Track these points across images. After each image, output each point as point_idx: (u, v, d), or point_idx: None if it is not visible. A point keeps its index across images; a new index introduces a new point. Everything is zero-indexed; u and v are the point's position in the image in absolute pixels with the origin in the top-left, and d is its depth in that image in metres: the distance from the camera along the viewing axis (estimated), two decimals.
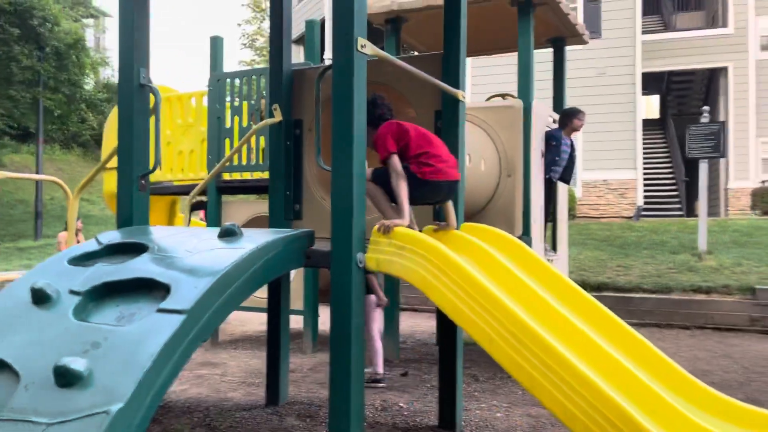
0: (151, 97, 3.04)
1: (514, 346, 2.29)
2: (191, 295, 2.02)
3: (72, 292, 2.23)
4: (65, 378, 1.78)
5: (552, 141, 5.28)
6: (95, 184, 17.54)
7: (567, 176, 5.47)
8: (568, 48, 6.30)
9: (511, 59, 5.12)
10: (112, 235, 2.69)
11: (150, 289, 2.19)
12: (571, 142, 5.46)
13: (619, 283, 7.60)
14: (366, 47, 2.53)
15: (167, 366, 1.88)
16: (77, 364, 1.79)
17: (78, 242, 4.30)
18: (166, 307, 2.00)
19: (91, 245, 2.60)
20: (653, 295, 7.30)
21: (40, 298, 2.18)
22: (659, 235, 10.43)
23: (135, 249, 2.49)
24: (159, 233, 2.71)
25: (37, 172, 15.29)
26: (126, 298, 2.19)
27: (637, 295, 7.35)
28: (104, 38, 28.32)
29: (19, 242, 13.57)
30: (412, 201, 2.85)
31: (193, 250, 2.35)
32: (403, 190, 2.76)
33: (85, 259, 2.49)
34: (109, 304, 2.19)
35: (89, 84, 20.62)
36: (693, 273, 7.81)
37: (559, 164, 5.35)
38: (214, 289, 2.08)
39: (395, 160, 2.80)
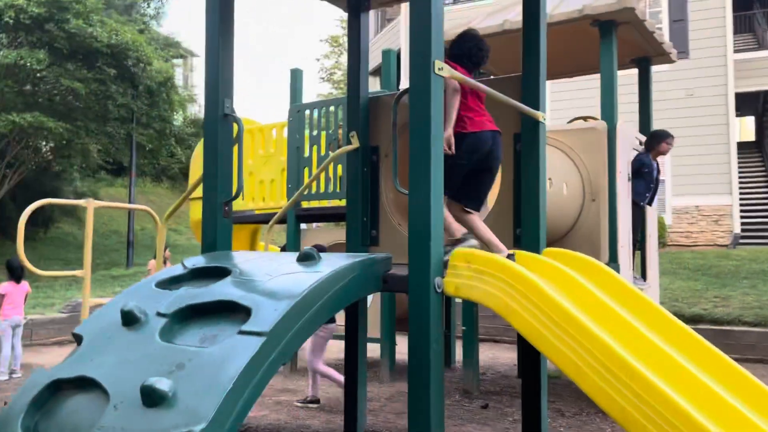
0: (235, 127, 3.13)
1: (603, 377, 2.15)
2: (271, 317, 2.02)
3: (159, 314, 2.29)
4: (151, 398, 1.81)
5: (644, 168, 5.10)
6: (182, 215, 18.39)
7: (651, 199, 5.30)
8: (655, 69, 6.07)
9: (591, 82, 4.97)
10: (197, 260, 2.76)
11: (232, 311, 2.22)
12: (657, 164, 5.27)
13: (716, 315, 7.12)
14: (443, 69, 2.51)
15: (248, 388, 1.89)
16: (162, 384, 1.83)
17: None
18: (247, 329, 2.01)
19: (177, 270, 2.67)
20: (755, 329, 6.78)
21: (129, 319, 2.25)
22: (759, 264, 9.73)
23: (218, 273, 2.54)
24: (240, 258, 2.76)
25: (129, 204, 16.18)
26: (209, 320, 2.23)
27: (737, 328, 6.85)
28: (192, 76, 29.95)
29: (112, 270, 14.32)
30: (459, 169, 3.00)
31: (272, 274, 2.37)
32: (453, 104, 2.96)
33: (171, 283, 2.56)
34: (193, 326, 2.23)
35: (178, 120, 21.77)
36: None
37: (651, 191, 5.19)
38: (293, 312, 2.08)
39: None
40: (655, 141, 5.22)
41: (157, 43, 26.63)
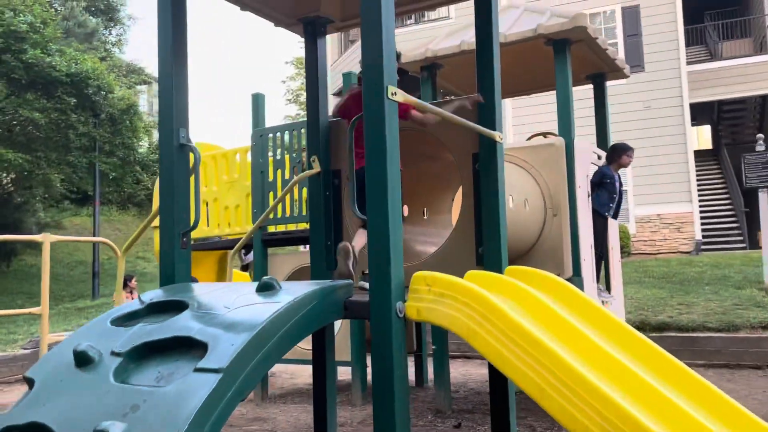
0: (191, 156, 3.09)
1: (566, 396, 2.16)
2: (227, 353, 1.98)
3: (113, 353, 2.22)
4: None
5: (606, 179, 5.22)
6: (150, 242, 18.10)
7: (616, 212, 5.41)
8: (612, 83, 6.22)
9: (552, 97, 5.07)
10: (154, 294, 2.71)
11: (189, 347, 2.17)
12: (618, 176, 5.39)
13: (681, 322, 7.23)
14: (397, 95, 2.52)
15: (205, 426, 1.84)
16: (116, 428, 1.77)
17: (132, 299, 4.40)
18: (203, 366, 1.97)
19: (133, 305, 2.61)
20: (719, 334, 6.91)
21: (82, 360, 2.19)
22: (721, 270, 9.95)
23: (176, 307, 2.49)
24: (199, 290, 2.71)
25: (94, 234, 15.86)
26: (165, 357, 2.17)
27: (702, 335, 6.97)
28: (157, 102, 29.69)
29: (78, 302, 13.99)
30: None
31: (231, 306, 2.33)
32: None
33: (127, 320, 2.50)
34: (149, 365, 2.18)
35: (143, 146, 21.51)
36: (761, 309, 7.37)
37: (614, 201, 5.29)
38: (251, 346, 2.05)
39: None
40: (616, 154, 5.35)
41: (120, 70, 26.40)
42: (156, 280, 15.82)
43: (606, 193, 5.19)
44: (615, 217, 5.47)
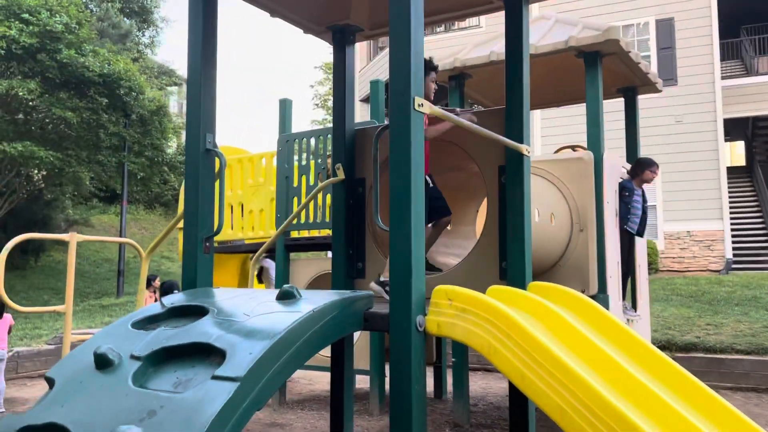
0: (217, 162, 3.11)
1: (588, 420, 2.10)
2: (245, 361, 1.97)
3: (133, 357, 2.23)
4: None
5: (624, 192, 5.12)
6: (175, 242, 18.29)
7: (641, 229, 5.29)
8: (643, 97, 6.12)
9: (582, 108, 4.99)
10: (176, 298, 2.72)
11: (207, 354, 2.16)
12: (643, 192, 5.28)
13: (709, 343, 7.06)
14: (423, 106, 2.50)
15: None
16: None
17: (155, 300, 4.43)
18: (221, 374, 1.96)
19: (155, 308, 2.62)
20: (748, 357, 6.72)
21: (102, 362, 2.20)
22: (752, 290, 9.70)
23: (196, 312, 2.49)
24: (220, 296, 2.71)
25: (120, 233, 16.07)
26: (184, 363, 2.17)
27: (731, 357, 6.79)
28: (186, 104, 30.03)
29: (102, 299, 14.17)
30: None
31: (250, 314, 2.32)
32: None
33: (148, 323, 2.51)
34: (168, 370, 2.18)
35: (171, 147, 21.79)
36: None
37: (635, 214, 5.18)
38: (269, 355, 2.03)
39: None
40: (640, 168, 5.25)
41: (152, 71, 26.81)
42: (180, 280, 15.99)
43: (624, 205, 5.07)
44: (640, 234, 5.35)
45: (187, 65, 3.02)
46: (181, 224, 5.89)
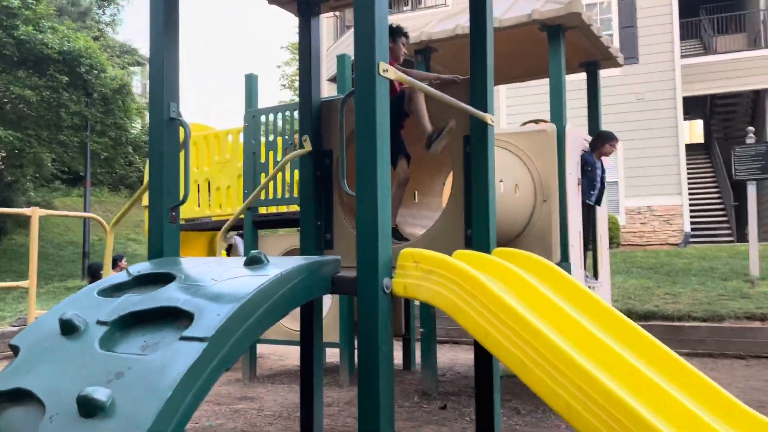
0: (181, 131, 3.08)
1: (549, 373, 2.18)
2: (213, 322, 1.99)
3: (99, 322, 2.23)
4: (87, 408, 1.77)
5: (587, 166, 5.24)
6: (141, 224, 18.01)
7: (599, 199, 5.45)
8: (606, 74, 6.24)
9: (547, 86, 5.07)
10: (142, 266, 2.71)
11: (175, 317, 2.18)
12: (602, 163, 5.42)
13: (667, 311, 7.30)
14: (388, 71, 2.52)
15: (189, 394, 1.85)
16: (100, 393, 1.78)
17: None
18: (189, 335, 1.98)
19: (121, 277, 2.61)
20: (705, 324, 6.98)
21: (68, 328, 2.19)
22: (708, 262, 10.04)
23: (163, 279, 2.49)
24: (187, 263, 2.72)
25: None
26: (151, 327, 2.18)
27: (688, 324, 7.04)
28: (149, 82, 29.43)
29: (67, 282, 13.95)
30: None
31: (218, 278, 2.33)
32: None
33: (114, 291, 2.51)
34: (135, 334, 2.19)
35: (136, 128, 21.36)
36: (746, 300, 7.45)
37: (596, 188, 5.32)
38: (237, 316, 2.06)
39: None
40: (600, 142, 5.38)
41: (113, 50, 26.14)
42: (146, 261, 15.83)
43: (586, 180, 5.22)
44: (598, 203, 5.50)
45: (149, 32, 2.98)
46: (145, 202, 5.81)
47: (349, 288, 2.53)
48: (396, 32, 4.09)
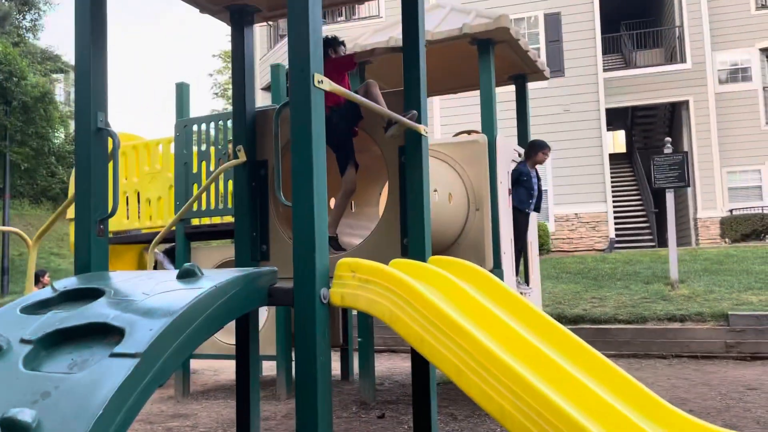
0: (110, 142, 3.00)
1: (482, 377, 2.24)
2: (145, 338, 1.94)
3: (23, 341, 2.13)
4: (13, 431, 1.69)
5: (523, 176, 5.41)
6: (65, 237, 17.23)
7: (537, 206, 5.64)
8: (534, 86, 6.46)
9: (478, 99, 5.22)
10: (68, 282, 2.61)
11: (105, 334, 2.11)
12: (536, 172, 5.61)
13: (595, 314, 7.60)
14: (323, 83, 2.54)
15: (120, 412, 1.80)
16: (25, 415, 1.70)
17: None
18: (119, 351, 1.92)
19: (45, 293, 2.51)
20: (629, 326, 7.31)
21: None
22: (632, 266, 10.51)
23: (91, 294, 2.41)
24: (117, 278, 2.64)
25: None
26: (79, 344, 2.10)
27: (614, 326, 7.35)
28: (74, 91, 28.27)
29: None
30: None
31: (150, 293, 2.28)
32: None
33: (38, 308, 2.40)
34: (62, 352, 2.10)
35: (59, 137, 20.47)
36: (667, 302, 7.85)
37: (533, 196, 5.50)
38: (170, 331, 2.01)
39: None
40: (533, 151, 5.57)
41: (34, 56, 25.00)
42: (72, 276, 15.15)
43: (524, 190, 5.40)
44: (537, 210, 5.69)
45: (74, 39, 2.88)
46: (70, 215, 5.58)
47: (285, 299, 2.52)
48: (335, 42, 4.11)
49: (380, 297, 2.44)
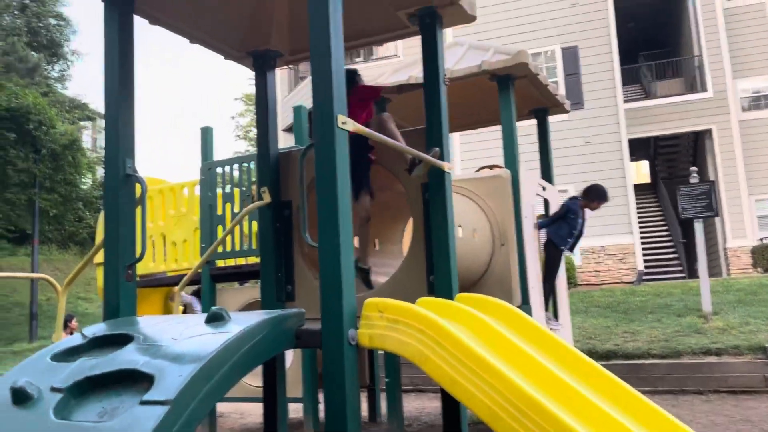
0: (138, 187, 3.04)
1: (518, 419, 2.18)
2: (174, 384, 1.93)
3: (54, 389, 2.13)
4: None
5: (570, 214, 5.34)
6: (92, 281, 17.43)
7: (573, 246, 5.57)
8: (554, 119, 6.45)
9: (499, 132, 5.21)
10: (97, 328, 2.62)
11: (134, 381, 2.10)
12: (582, 213, 5.54)
13: (627, 349, 7.41)
14: (347, 123, 2.56)
15: None
16: None
17: None
18: (149, 398, 1.91)
19: (75, 339, 2.51)
20: (663, 361, 7.11)
21: (20, 397, 2.09)
22: (663, 299, 10.28)
23: (120, 340, 2.41)
24: (145, 323, 2.64)
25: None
26: (109, 392, 2.09)
27: (647, 362, 7.15)
28: (101, 138, 29.01)
29: (14, 345, 13.32)
30: None
31: (178, 337, 2.27)
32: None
33: (68, 355, 2.40)
34: (92, 400, 2.09)
35: (86, 183, 20.91)
36: (701, 335, 7.64)
37: (573, 236, 5.41)
38: (200, 377, 2.00)
39: None
40: (594, 195, 5.49)
41: (63, 105, 25.78)
42: (99, 320, 15.27)
43: (567, 227, 5.32)
44: (571, 250, 5.61)
45: (104, 89, 2.96)
46: (97, 259, 5.64)
47: (313, 341, 2.49)
48: (356, 73, 4.10)
49: (409, 337, 2.40)
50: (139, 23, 3.22)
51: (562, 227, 5.27)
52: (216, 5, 3.44)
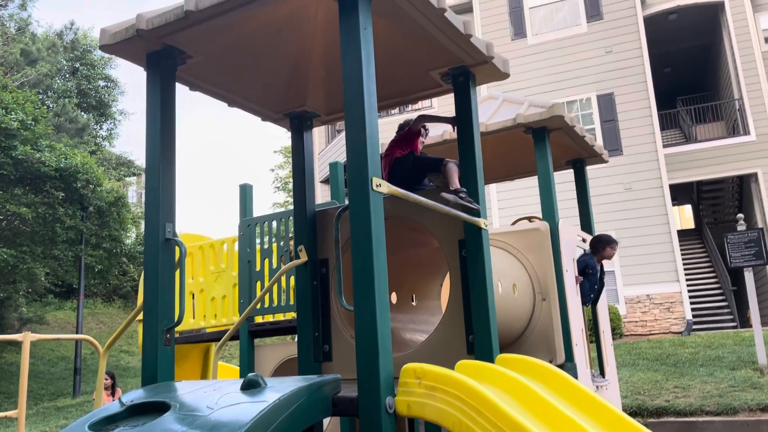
0: (177, 251, 3.08)
1: None
2: None
3: None
4: None
5: (589, 269, 5.23)
6: (134, 335, 17.66)
7: (596, 299, 5.44)
8: (593, 166, 6.36)
9: (535, 180, 5.16)
10: (135, 395, 2.62)
11: None
12: (601, 266, 5.43)
13: (679, 406, 7.07)
14: (381, 186, 2.56)
15: None
16: None
17: (115, 398, 4.21)
18: None
19: (113, 407, 2.52)
20: (718, 418, 6.74)
21: None
22: (714, 350, 9.84)
23: (157, 408, 2.40)
24: (182, 389, 2.63)
25: (77, 328, 15.51)
26: None
27: (701, 419, 6.79)
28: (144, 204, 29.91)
29: (57, 401, 13.47)
30: None
31: (214, 406, 2.25)
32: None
33: (106, 423, 2.40)
34: None
35: (130, 238, 21.45)
36: (757, 390, 7.24)
37: (595, 290, 5.30)
38: None
39: None
40: (600, 245, 5.38)
41: (110, 163, 26.78)
42: (140, 374, 15.35)
43: (588, 283, 5.20)
44: (594, 304, 5.47)
45: (145, 155, 3.04)
46: (140, 316, 5.71)
47: (350, 409, 2.43)
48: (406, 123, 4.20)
49: (449, 406, 2.32)
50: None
51: (584, 284, 5.15)
52: (253, 71, 3.54)
